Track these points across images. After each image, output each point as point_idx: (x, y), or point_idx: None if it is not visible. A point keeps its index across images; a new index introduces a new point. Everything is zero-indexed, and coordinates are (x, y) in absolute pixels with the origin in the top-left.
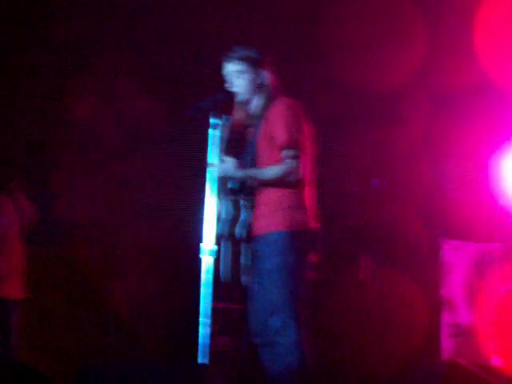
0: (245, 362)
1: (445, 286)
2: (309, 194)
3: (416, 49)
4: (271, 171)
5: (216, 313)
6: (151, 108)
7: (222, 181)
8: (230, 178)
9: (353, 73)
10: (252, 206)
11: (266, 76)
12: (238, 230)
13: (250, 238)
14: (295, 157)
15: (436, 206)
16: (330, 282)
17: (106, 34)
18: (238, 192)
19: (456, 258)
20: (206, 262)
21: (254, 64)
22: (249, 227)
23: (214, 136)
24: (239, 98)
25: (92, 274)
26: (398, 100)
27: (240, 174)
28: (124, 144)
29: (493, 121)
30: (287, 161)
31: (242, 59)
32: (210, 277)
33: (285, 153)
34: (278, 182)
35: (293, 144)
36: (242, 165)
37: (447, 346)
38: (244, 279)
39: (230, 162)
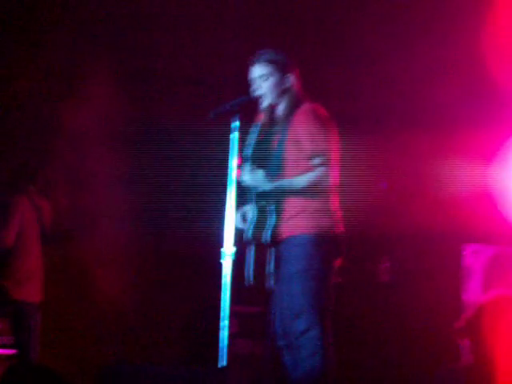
0: (266, 366)
1: (465, 289)
2: (334, 199)
3: (427, 50)
4: (301, 181)
5: (236, 316)
6: (174, 110)
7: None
8: (259, 189)
9: (364, 76)
10: (279, 210)
11: (292, 80)
12: (265, 234)
13: (275, 241)
14: (325, 163)
15: (456, 209)
16: (351, 285)
17: (107, 33)
18: (265, 196)
19: (476, 261)
20: (226, 266)
21: (281, 67)
22: (275, 231)
23: (237, 140)
24: (265, 101)
25: (113, 277)
26: (415, 103)
27: (270, 186)
28: (146, 146)
29: (507, 123)
30: (318, 169)
31: (269, 62)
32: (230, 280)
33: (314, 160)
34: (308, 191)
35: (322, 151)
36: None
37: (467, 351)
38: (269, 283)
39: (259, 174)
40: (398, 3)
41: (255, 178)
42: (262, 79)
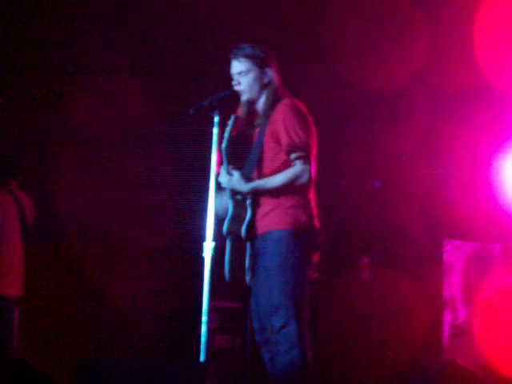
0: (246, 360)
1: (446, 285)
2: (311, 194)
3: (417, 49)
4: (278, 180)
5: (216, 311)
6: (153, 106)
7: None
8: (236, 190)
9: (353, 73)
10: (255, 205)
11: (272, 75)
12: (243, 229)
13: (253, 236)
14: (304, 158)
15: (437, 205)
16: (331, 282)
17: (107, 33)
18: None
19: (456, 257)
20: (207, 260)
21: (260, 62)
22: (253, 226)
23: (217, 135)
24: (244, 96)
25: (92, 272)
26: (398, 100)
27: (247, 187)
28: (125, 143)
29: (493, 121)
30: (296, 164)
31: (248, 57)
32: (209, 275)
33: (293, 155)
34: (287, 187)
35: (301, 146)
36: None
37: (449, 347)
38: (248, 278)
39: (236, 175)
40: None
41: (231, 180)
42: (240, 75)
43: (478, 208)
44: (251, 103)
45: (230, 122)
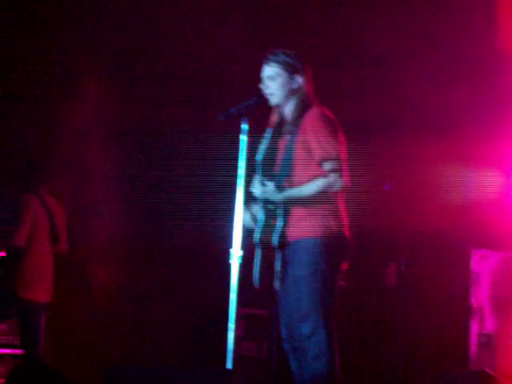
0: (273, 368)
1: (473, 294)
2: (342, 202)
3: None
4: (311, 189)
5: (243, 318)
6: (183, 113)
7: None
8: (269, 200)
9: (372, 80)
10: (287, 214)
11: (301, 81)
12: (275, 237)
13: (283, 244)
14: (337, 168)
15: (464, 215)
16: (357, 289)
17: (133, 34)
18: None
19: (484, 267)
20: (234, 268)
21: (290, 68)
22: (283, 234)
23: (245, 142)
24: (272, 101)
25: (120, 277)
26: (421, 107)
27: (280, 196)
28: (155, 149)
29: None
30: (329, 173)
31: (278, 62)
32: (237, 283)
33: (326, 165)
34: (319, 196)
35: (334, 155)
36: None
37: (475, 356)
38: (276, 285)
39: (270, 186)
40: (406, 9)
41: (265, 190)
42: (269, 79)
43: (507, 218)
44: (278, 108)
45: (268, 135)
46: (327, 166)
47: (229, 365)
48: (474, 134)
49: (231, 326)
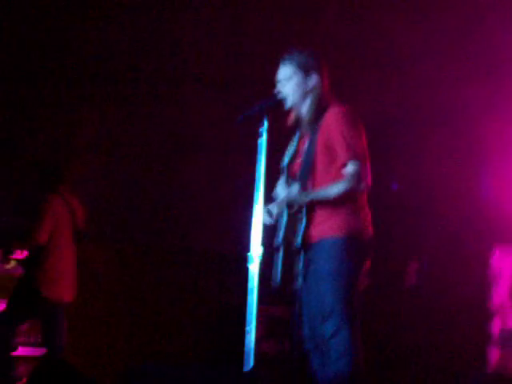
0: (293, 367)
1: (494, 291)
2: (365, 200)
3: (459, 58)
4: (339, 188)
5: (264, 317)
6: (202, 114)
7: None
8: (293, 202)
9: (393, 79)
10: (311, 214)
11: (317, 81)
12: (298, 238)
13: (307, 245)
14: (360, 167)
15: (485, 211)
16: (378, 287)
17: (154, 39)
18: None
19: (505, 262)
20: (253, 270)
21: (303, 68)
22: (308, 234)
23: (264, 144)
24: (288, 102)
25: (140, 278)
26: (444, 105)
27: (305, 198)
28: (173, 151)
29: None
30: (354, 174)
31: (291, 63)
32: (257, 284)
33: (349, 166)
34: (344, 197)
35: (357, 155)
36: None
37: (494, 356)
38: (298, 285)
39: (295, 188)
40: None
41: (291, 193)
42: (285, 80)
43: None
44: (295, 109)
45: (296, 138)
46: (351, 166)
47: (249, 364)
48: (491, 129)
49: (250, 327)
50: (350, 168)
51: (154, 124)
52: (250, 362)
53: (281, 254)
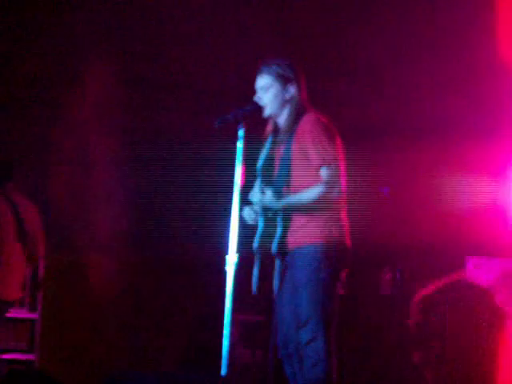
0: (268, 375)
1: None
2: (342, 209)
3: (433, 62)
4: (310, 195)
5: (238, 324)
6: (178, 119)
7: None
8: (268, 207)
9: (373, 86)
10: (286, 221)
11: (295, 91)
12: (274, 245)
13: (283, 252)
14: (334, 173)
15: (460, 222)
16: (352, 296)
17: (131, 39)
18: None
19: (479, 274)
20: (231, 273)
21: (282, 78)
22: (282, 242)
23: (241, 148)
24: (266, 111)
25: (115, 283)
26: (419, 113)
27: (279, 204)
28: (150, 155)
29: None
30: (327, 179)
31: (270, 73)
32: (232, 289)
33: (323, 171)
34: (319, 202)
35: (330, 161)
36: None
37: None
38: (275, 292)
39: (269, 193)
40: (402, 14)
41: (264, 198)
42: (262, 90)
43: (503, 224)
44: (273, 118)
45: (268, 143)
46: (324, 172)
47: (223, 371)
48: (470, 141)
49: (226, 332)
50: (323, 173)
51: (132, 125)
52: (226, 367)
53: (257, 260)
